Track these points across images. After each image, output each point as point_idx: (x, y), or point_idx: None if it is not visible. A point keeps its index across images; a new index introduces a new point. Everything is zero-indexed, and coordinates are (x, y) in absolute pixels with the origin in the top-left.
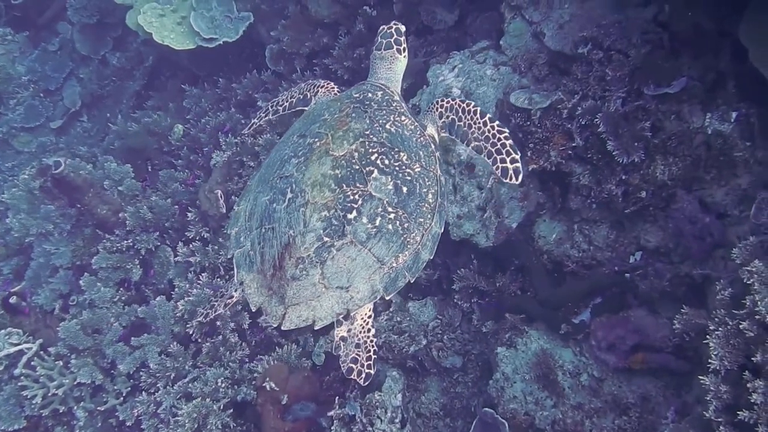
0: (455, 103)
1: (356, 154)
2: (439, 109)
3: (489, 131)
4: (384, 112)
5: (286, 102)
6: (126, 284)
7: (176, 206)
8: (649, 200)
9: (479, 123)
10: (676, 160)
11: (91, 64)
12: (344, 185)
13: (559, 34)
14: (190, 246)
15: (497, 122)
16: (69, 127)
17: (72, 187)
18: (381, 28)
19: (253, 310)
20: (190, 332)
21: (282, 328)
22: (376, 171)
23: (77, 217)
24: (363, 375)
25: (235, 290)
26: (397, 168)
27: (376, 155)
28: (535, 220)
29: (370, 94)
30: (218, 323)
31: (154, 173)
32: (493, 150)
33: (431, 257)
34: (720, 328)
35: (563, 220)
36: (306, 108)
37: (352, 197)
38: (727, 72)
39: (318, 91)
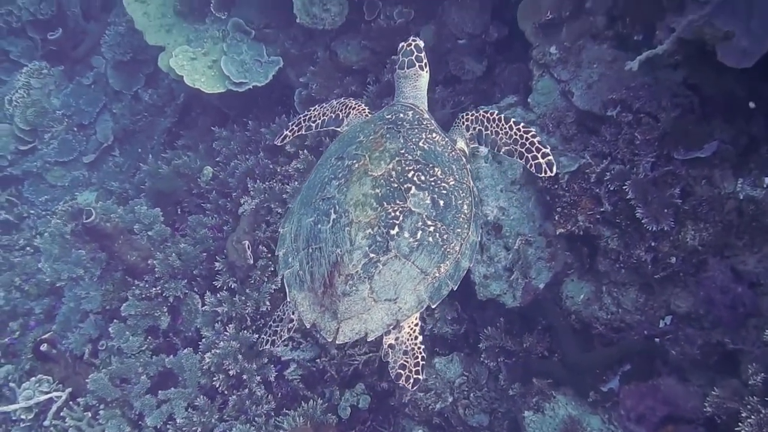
0: (480, 114)
1: (394, 172)
2: (466, 122)
3: (516, 134)
4: (416, 130)
5: (318, 119)
6: (154, 332)
7: (204, 253)
8: (680, 266)
9: (505, 128)
10: (707, 225)
11: (123, 99)
12: (385, 203)
13: (587, 94)
14: (218, 296)
15: (522, 124)
16: (101, 161)
17: (103, 235)
18: (400, 45)
19: (308, 327)
20: (217, 385)
21: (337, 342)
22: (413, 187)
23: (107, 261)
24: (411, 380)
25: (293, 312)
26: (432, 183)
27: (412, 172)
28: (563, 279)
29: (401, 114)
30: (244, 376)
31: (183, 216)
32: (523, 150)
33: (471, 265)
34: (752, 416)
35: (591, 281)
36: (337, 128)
37: (393, 214)
38: (759, 136)
39: (350, 112)
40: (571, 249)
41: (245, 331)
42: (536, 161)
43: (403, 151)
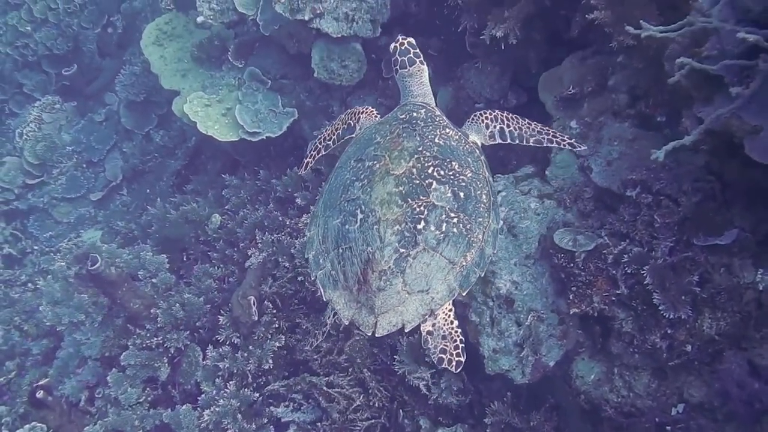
0: (497, 114)
1: (414, 170)
2: (485, 121)
3: (536, 127)
4: (430, 127)
5: (334, 135)
6: (153, 382)
7: (208, 305)
8: (695, 355)
9: (526, 124)
10: (724, 315)
11: (134, 139)
12: (409, 199)
13: (606, 171)
14: (220, 350)
15: (535, 122)
16: (108, 200)
17: (107, 282)
18: (393, 47)
19: (346, 324)
20: None
21: (376, 335)
22: (434, 182)
23: (109, 307)
24: (454, 363)
25: (328, 317)
26: (451, 176)
27: (431, 168)
28: (574, 358)
29: (414, 113)
30: None
31: (189, 263)
32: (551, 138)
33: (495, 251)
34: None
35: (603, 361)
36: (352, 135)
37: (418, 209)
38: None
39: (360, 117)
40: (583, 327)
41: (246, 389)
42: (566, 142)
43: (420, 149)
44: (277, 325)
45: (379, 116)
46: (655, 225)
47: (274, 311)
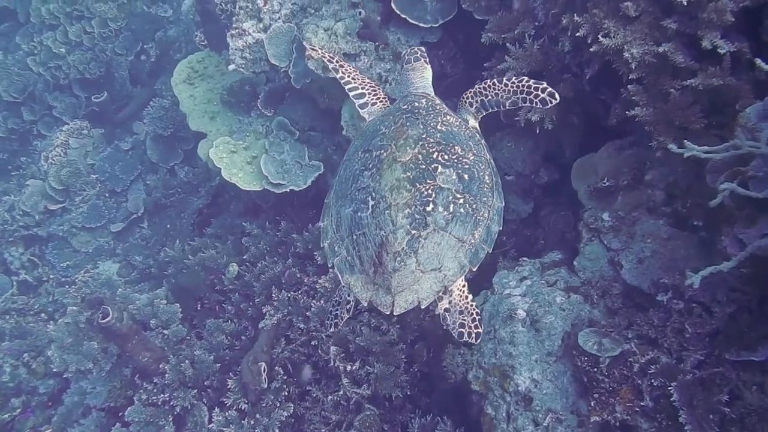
0: (477, 88)
1: (420, 156)
2: (468, 100)
3: (512, 86)
4: (432, 115)
5: (350, 78)
6: None
7: (218, 364)
8: None
9: (502, 86)
10: None
11: (159, 172)
12: (417, 184)
13: (637, 269)
14: (227, 414)
15: (513, 77)
16: (128, 232)
17: (117, 335)
18: (404, 52)
19: (365, 305)
20: None
21: (394, 313)
22: (439, 166)
23: (118, 355)
24: (473, 335)
25: (348, 294)
26: (455, 160)
27: (436, 153)
28: None
29: (416, 103)
30: None
31: (203, 312)
32: (525, 95)
33: (500, 228)
34: None
35: None
36: (357, 100)
37: (426, 192)
38: None
39: (377, 103)
40: (603, 430)
41: None
42: (538, 98)
43: (424, 136)
44: (286, 393)
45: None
46: (686, 335)
47: (285, 377)
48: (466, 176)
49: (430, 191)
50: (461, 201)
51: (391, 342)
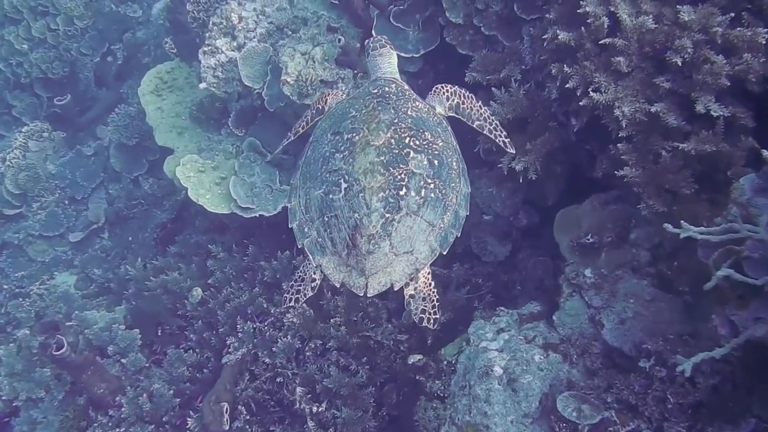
0: (456, 89)
1: (392, 140)
2: (446, 93)
3: (484, 113)
4: (402, 101)
5: (303, 121)
6: None
7: (178, 399)
8: None
9: (477, 107)
10: None
11: (122, 181)
12: (391, 168)
13: (619, 330)
14: None
15: (485, 108)
16: (88, 242)
17: (71, 366)
18: (366, 41)
19: (337, 286)
20: None
21: (368, 294)
22: (411, 151)
23: (72, 383)
24: (431, 320)
25: (314, 272)
26: (425, 146)
27: (408, 138)
28: None
29: (386, 88)
30: None
31: (164, 338)
32: (492, 128)
33: (468, 213)
34: None
35: None
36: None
37: (399, 177)
38: None
39: (327, 99)
40: None
41: None
42: (501, 140)
43: (396, 121)
44: None
45: (344, 96)
46: (668, 404)
47: (248, 416)
48: (436, 162)
49: (403, 175)
50: (432, 186)
51: (360, 384)
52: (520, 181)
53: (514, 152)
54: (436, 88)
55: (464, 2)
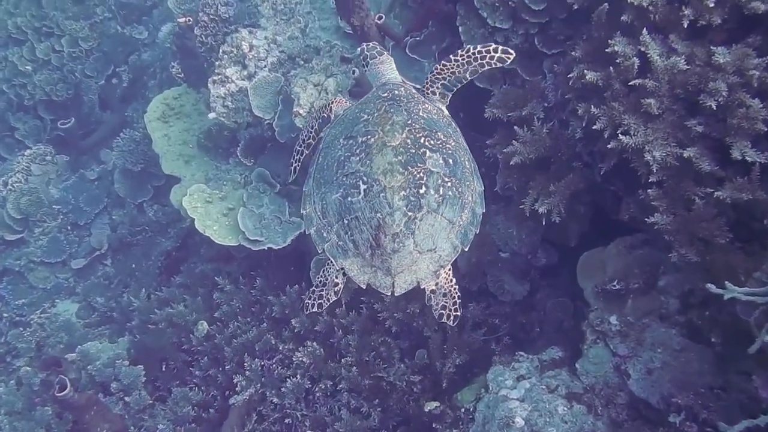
0: (431, 76)
1: (408, 140)
2: (430, 89)
3: (464, 59)
4: (413, 103)
5: (312, 132)
6: None
7: None
8: None
9: (454, 63)
10: None
11: (126, 207)
12: (409, 167)
13: (646, 380)
14: None
15: (459, 52)
16: (90, 269)
17: (74, 407)
18: (361, 48)
19: (363, 287)
20: None
21: (395, 293)
22: (427, 151)
23: (74, 422)
24: (452, 317)
25: (337, 276)
26: (440, 145)
27: (423, 138)
28: None
29: (396, 92)
30: None
31: (168, 373)
32: (480, 61)
33: (484, 210)
34: None
35: None
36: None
37: (418, 176)
38: None
39: (332, 107)
40: None
41: None
42: (494, 59)
43: (410, 122)
44: None
45: (349, 103)
46: None
47: None
48: (450, 161)
49: (421, 174)
50: (449, 184)
51: (372, 428)
52: (543, 223)
53: (513, 54)
54: (424, 90)
55: (483, 35)
